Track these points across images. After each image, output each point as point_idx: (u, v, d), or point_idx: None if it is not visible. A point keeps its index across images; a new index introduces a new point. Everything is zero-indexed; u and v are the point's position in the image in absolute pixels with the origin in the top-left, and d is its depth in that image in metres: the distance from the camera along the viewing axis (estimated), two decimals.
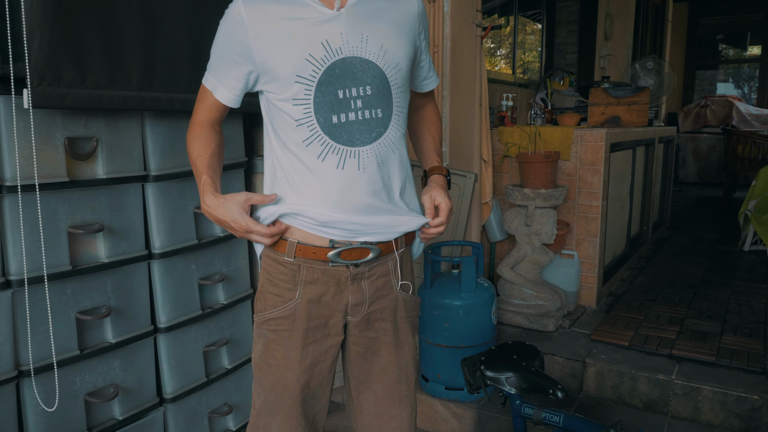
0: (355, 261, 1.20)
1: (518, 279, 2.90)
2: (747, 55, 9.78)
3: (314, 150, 1.14)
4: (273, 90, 1.16)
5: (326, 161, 1.14)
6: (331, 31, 1.12)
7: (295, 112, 1.13)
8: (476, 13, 2.89)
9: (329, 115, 1.13)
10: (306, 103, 1.12)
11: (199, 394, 1.96)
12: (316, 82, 1.11)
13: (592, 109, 3.66)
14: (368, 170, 1.16)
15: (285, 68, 1.12)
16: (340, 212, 1.16)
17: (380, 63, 1.15)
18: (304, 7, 1.13)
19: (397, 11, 1.21)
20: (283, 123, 1.16)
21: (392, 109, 1.18)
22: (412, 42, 1.23)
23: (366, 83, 1.14)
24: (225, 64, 1.18)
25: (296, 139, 1.15)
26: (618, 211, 3.55)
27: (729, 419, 2.24)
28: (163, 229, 1.80)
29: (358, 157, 1.15)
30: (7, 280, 1.46)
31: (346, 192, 1.15)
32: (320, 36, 1.12)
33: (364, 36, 1.14)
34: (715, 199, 6.96)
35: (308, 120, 1.13)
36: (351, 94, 1.13)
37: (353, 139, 1.14)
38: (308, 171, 1.15)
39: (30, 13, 1.35)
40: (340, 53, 1.12)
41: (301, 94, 1.12)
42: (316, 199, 1.16)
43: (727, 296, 3.31)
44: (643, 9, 7.04)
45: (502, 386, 1.66)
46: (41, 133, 1.48)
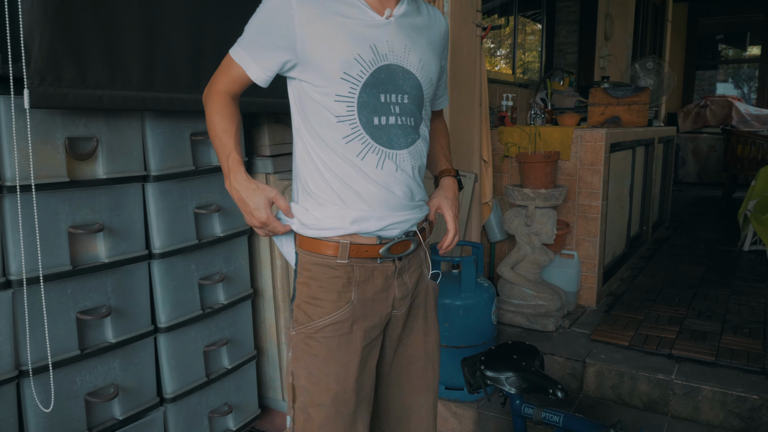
0: (400, 254, 1.23)
1: (518, 279, 2.90)
2: (747, 55, 9.78)
3: (354, 148, 1.15)
4: (312, 81, 1.15)
5: (365, 160, 1.16)
6: (380, 36, 1.15)
7: (338, 108, 1.14)
8: (476, 13, 2.89)
9: (371, 116, 1.15)
10: (350, 102, 1.14)
11: (199, 394, 1.96)
12: (362, 83, 1.14)
13: (592, 109, 3.66)
14: (404, 172, 1.19)
15: (332, 63, 1.12)
16: (381, 210, 1.19)
17: (418, 75, 1.21)
18: (354, 8, 1.15)
19: (431, 30, 1.27)
20: (321, 117, 1.16)
21: (422, 120, 1.24)
22: (439, 61, 1.29)
23: (405, 92, 1.18)
24: (262, 44, 1.16)
25: (336, 136, 1.15)
26: (618, 211, 3.55)
27: (729, 419, 2.24)
28: (163, 229, 1.80)
29: (396, 159, 1.18)
30: (7, 280, 1.46)
31: (385, 191, 1.18)
32: (369, 39, 1.14)
33: (407, 47, 1.19)
34: (715, 199, 6.97)
35: (350, 118, 1.15)
36: (391, 99, 1.17)
37: (392, 141, 1.17)
38: (350, 168, 1.16)
39: (30, 13, 1.35)
40: (385, 59, 1.16)
41: (345, 92, 1.13)
42: (358, 197, 1.17)
43: (727, 296, 3.31)
44: (643, 9, 7.04)
45: (502, 386, 1.66)
46: (41, 133, 1.48)
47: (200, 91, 1.81)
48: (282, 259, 2.18)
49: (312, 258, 1.20)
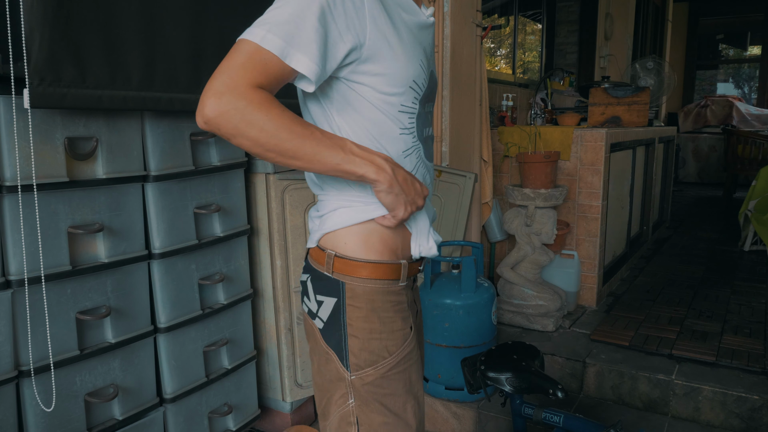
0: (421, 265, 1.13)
1: (518, 279, 2.90)
2: (747, 55, 9.78)
3: (411, 161, 1.03)
4: (376, 86, 0.95)
5: (417, 173, 1.04)
6: (428, 39, 1.04)
7: (402, 119, 0.99)
8: (476, 13, 2.89)
9: (423, 128, 1.05)
10: (412, 113, 1.00)
11: (199, 394, 1.96)
12: (423, 93, 1.02)
13: (592, 109, 3.66)
14: (429, 183, 1.11)
15: (402, 68, 0.96)
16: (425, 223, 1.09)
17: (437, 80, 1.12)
18: (411, 6, 1.01)
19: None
20: (381, 128, 0.98)
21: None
22: None
23: (434, 99, 1.09)
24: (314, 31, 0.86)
25: (396, 149, 1.00)
26: (618, 211, 3.55)
27: (729, 419, 2.24)
28: (163, 229, 1.80)
29: (429, 170, 1.10)
30: (7, 280, 1.46)
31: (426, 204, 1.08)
32: (423, 42, 1.02)
33: (433, 51, 1.09)
34: (715, 199, 6.97)
35: (412, 131, 1.01)
36: (430, 108, 1.08)
37: (429, 152, 1.09)
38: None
39: (30, 13, 1.35)
40: (430, 65, 1.05)
41: (410, 102, 0.99)
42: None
43: (727, 296, 3.31)
44: (643, 9, 7.04)
45: (502, 386, 1.66)
46: (41, 133, 1.48)
47: (200, 91, 1.81)
48: (282, 259, 2.18)
49: (371, 285, 1.01)
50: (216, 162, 1.96)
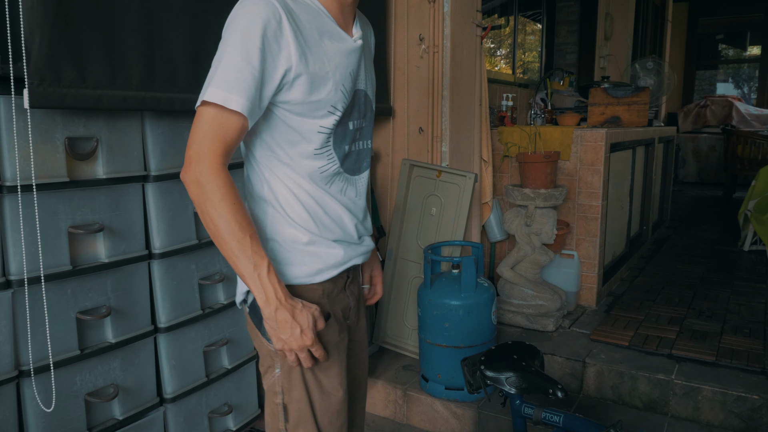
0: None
1: (518, 279, 2.90)
2: (747, 55, 9.78)
3: (326, 178, 1.12)
4: (298, 111, 1.05)
5: (332, 187, 1.14)
6: (354, 61, 1.12)
7: (318, 140, 1.08)
8: (476, 13, 2.89)
9: (343, 146, 1.13)
10: (328, 132, 1.09)
11: (199, 394, 1.96)
12: (342, 114, 1.10)
13: (592, 109, 3.66)
14: (360, 196, 1.21)
15: (322, 94, 1.05)
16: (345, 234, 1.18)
17: (372, 96, 1.22)
18: (332, 29, 1.08)
19: (372, 44, 1.29)
20: (296, 148, 1.08)
21: (371, 140, 1.26)
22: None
23: (365, 116, 1.19)
24: (263, 79, 0.99)
25: (311, 167, 1.09)
26: (618, 211, 3.55)
27: (729, 419, 2.24)
28: (163, 229, 1.80)
29: (356, 185, 1.19)
30: (7, 280, 1.46)
31: (347, 216, 1.17)
32: (349, 66, 1.10)
33: (366, 70, 1.18)
34: (715, 199, 6.97)
35: (327, 150, 1.10)
36: (356, 125, 1.16)
37: (353, 167, 1.18)
38: (320, 195, 1.12)
39: (30, 13, 1.35)
40: (356, 85, 1.14)
41: (329, 124, 1.08)
42: (332, 221, 1.14)
43: (727, 296, 3.31)
44: (643, 9, 7.04)
45: (502, 386, 1.66)
46: (41, 133, 1.48)
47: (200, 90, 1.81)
48: None
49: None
50: None
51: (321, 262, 1.14)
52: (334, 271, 1.16)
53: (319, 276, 1.14)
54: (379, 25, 2.68)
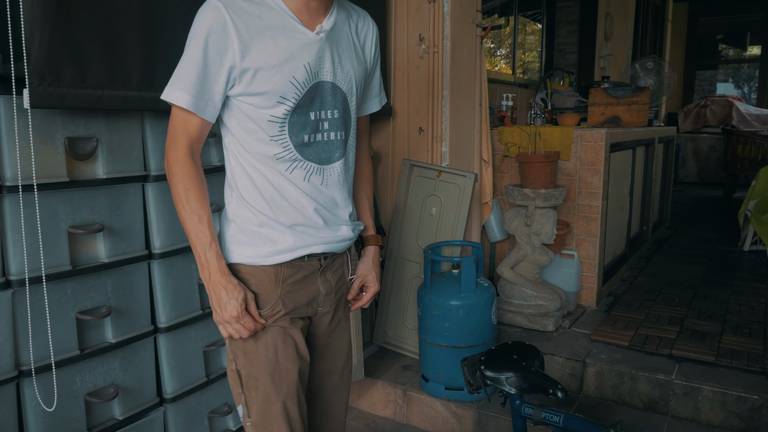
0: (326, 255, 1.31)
1: (518, 279, 2.90)
2: (747, 55, 9.78)
3: (284, 164, 1.20)
4: (250, 102, 1.16)
5: (293, 174, 1.21)
6: (312, 54, 1.18)
7: (271, 128, 1.17)
8: (476, 13, 2.89)
9: (301, 135, 1.19)
10: (282, 122, 1.17)
11: (199, 394, 1.96)
12: (296, 104, 1.17)
13: (592, 109, 3.66)
14: (330, 186, 1.25)
15: (269, 86, 1.14)
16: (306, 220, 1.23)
17: (345, 89, 1.25)
18: (287, 26, 1.16)
19: (357, 37, 1.30)
20: (254, 135, 1.18)
21: (350, 131, 1.28)
22: (365, 68, 1.32)
23: (334, 107, 1.23)
24: (209, 77, 1.13)
25: (267, 152, 1.19)
26: (618, 211, 3.55)
27: (729, 419, 2.24)
28: (163, 229, 1.80)
29: (323, 173, 1.24)
30: (7, 280, 1.46)
31: (309, 203, 1.23)
32: (303, 58, 1.16)
33: (335, 62, 1.22)
34: (715, 199, 6.97)
35: (282, 138, 1.18)
36: (321, 116, 1.21)
37: (320, 157, 1.23)
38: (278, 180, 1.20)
39: (30, 13, 1.35)
40: (317, 77, 1.19)
41: (280, 114, 1.16)
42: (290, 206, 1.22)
43: (727, 296, 3.31)
44: (643, 9, 7.04)
45: (502, 386, 1.66)
46: (41, 133, 1.48)
47: None
48: None
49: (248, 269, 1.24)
50: (216, 162, 1.96)
51: (272, 245, 1.21)
52: (287, 255, 1.22)
53: (269, 258, 1.22)
54: (379, 25, 2.68)
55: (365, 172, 1.47)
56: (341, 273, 1.36)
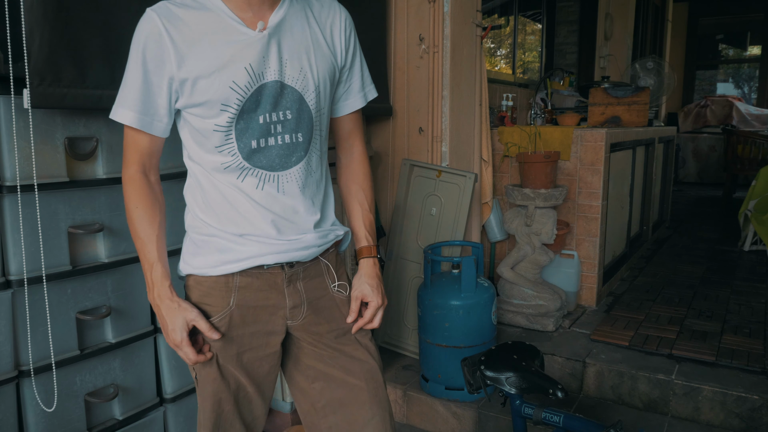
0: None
1: (518, 279, 2.90)
2: (747, 55, 9.78)
3: (233, 173, 1.14)
4: (195, 113, 1.12)
5: (245, 182, 1.14)
6: (254, 54, 1.09)
7: (216, 138, 1.12)
8: (476, 13, 2.89)
9: (249, 141, 1.12)
10: (228, 130, 1.11)
11: None
12: (240, 110, 1.10)
13: (592, 109, 3.66)
14: (287, 193, 1.16)
15: (209, 95, 1.08)
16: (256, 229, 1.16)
17: (299, 87, 1.14)
18: (226, 27, 1.09)
19: (320, 29, 1.19)
20: (203, 147, 1.14)
21: (312, 133, 1.18)
22: (332, 61, 1.20)
23: (286, 108, 1.13)
24: (151, 91, 1.10)
25: (216, 163, 1.14)
26: (618, 211, 3.55)
27: (729, 419, 2.24)
28: None
29: (278, 180, 1.15)
30: (7, 280, 1.46)
31: (261, 212, 1.15)
32: (244, 60, 1.09)
33: (284, 60, 1.12)
34: (715, 199, 6.97)
35: (230, 146, 1.12)
36: (271, 119, 1.12)
37: (272, 163, 1.14)
38: (230, 191, 1.15)
39: (30, 13, 1.35)
40: (262, 78, 1.10)
41: (224, 122, 1.10)
42: (243, 218, 1.16)
43: (727, 296, 3.31)
44: (643, 9, 7.04)
45: (502, 386, 1.66)
46: (41, 133, 1.48)
47: None
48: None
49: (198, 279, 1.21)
50: None
51: (220, 254, 1.17)
52: (235, 265, 1.16)
53: (219, 268, 1.17)
54: (379, 25, 2.68)
55: (358, 176, 1.33)
56: (318, 282, 1.25)
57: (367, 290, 1.27)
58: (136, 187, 1.15)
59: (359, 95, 1.30)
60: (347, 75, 1.26)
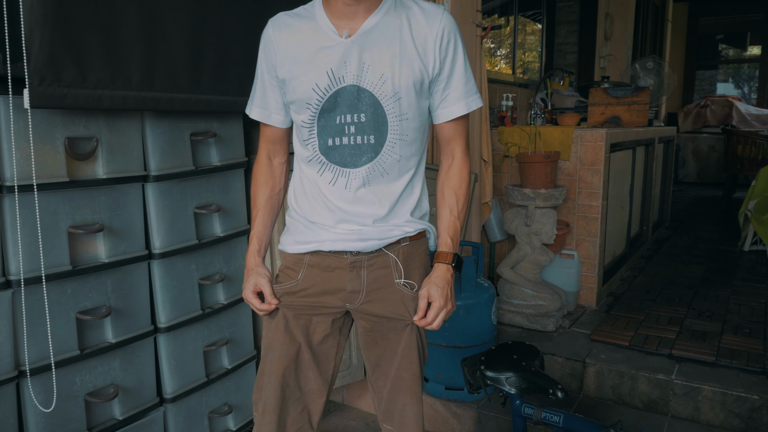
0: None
1: (518, 279, 2.90)
2: (747, 55, 9.78)
3: (314, 166, 1.28)
4: (293, 109, 1.29)
5: (323, 176, 1.27)
6: (336, 59, 1.20)
7: (303, 132, 1.27)
8: (476, 13, 2.89)
9: (326, 138, 1.24)
10: (311, 127, 1.25)
11: (199, 394, 1.96)
12: (320, 109, 1.23)
13: (592, 109, 3.66)
14: (352, 189, 1.26)
15: (297, 95, 1.24)
16: (332, 216, 1.28)
17: (376, 92, 1.20)
18: (320, 34, 1.23)
19: (413, 37, 1.21)
20: (297, 139, 1.32)
21: (386, 136, 1.24)
22: (420, 69, 1.22)
23: (361, 111, 1.22)
24: (268, 89, 1.31)
25: (303, 155, 1.30)
26: (618, 211, 3.55)
27: (729, 419, 2.25)
28: (163, 229, 1.80)
29: (348, 177, 1.25)
30: (7, 280, 1.46)
31: (337, 202, 1.27)
32: (327, 64, 1.21)
33: (365, 65, 1.20)
34: (715, 199, 6.97)
35: (312, 141, 1.26)
36: (346, 120, 1.22)
37: (345, 161, 1.25)
38: (312, 181, 1.30)
39: (30, 13, 1.35)
40: (342, 81, 1.21)
41: (308, 118, 1.25)
42: (314, 205, 1.30)
43: (727, 296, 3.31)
44: (643, 9, 7.04)
45: (502, 386, 1.66)
46: (41, 133, 1.48)
47: (200, 91, 1.82)
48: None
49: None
50: (216, 162, 1.96)
51: (295, 235, 1.34)
52: (303, 246, 1.32)
53: (291, 247, 1.34)
54: None
55: (453, 181, 1.34)
56: (382, 274, 1.31)
57: (433, 291, 1.29)
58: (259, 167, 1.39)
59: (460, 103, 1.29)
60: (445, 83, 1.27)
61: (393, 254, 1.31)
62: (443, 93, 1.28)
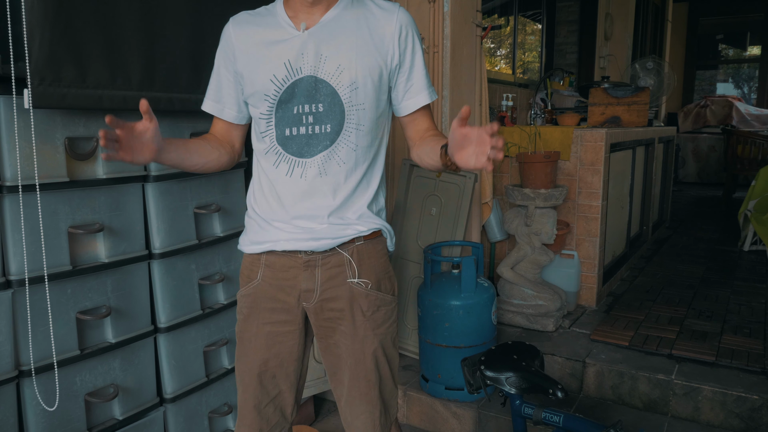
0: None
1: (518, 279, 2.90)
2: (747, 55, 9.78)
3: (271, 158, 1.29)
4: (250, 102, 1.31)
5: (279, 168, 1.28)
6: (294, 51, 1.24)
7: (261, 125, 1.29)
8: (476, 13, 2.89)
9: (284, 128, 1.26)
10: (269, 118, 1.27)
11: (199, 394, 1.96)
12: (278, 100, 1.25)
13: (592, 109, 3.66)
14: (308, 179, 1.27)
15: (255, 87, 1.26)
16: (285, 212, 1.29)
17: (333, 82, 1.24)
18: (277, 29, 1.27)
19: (370, 30, 1.26)
20: (255, 134, 1.34)
21: (343, 125, 1.26)
22: (377, 61, 1.25)
23: (319, 101, 1.24)
24: (224, 83, 1.33)
25: (260, 148, 1.32)
26: (618, 211, 3.55)
27: (729, 419, 2.25)
28: (163, 229, 1.80)
29: (304, 167, 1.27)
30: (7, 280, 1.46)
31: (291, 196, 1.28)
32: (284, 56, 1.24)
33: (323, 57, 1.23)
34: (715, 199, 6.97)
35: (269, 132, 1.28)
36: (304, 110, 1.25)
37: (301, 150, 1.26)
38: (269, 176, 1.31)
39: (30, 13, 1.35)
40: (299, 72, 1.24)
41: (266, 110, 1.27)
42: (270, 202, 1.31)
43: (727, 296, 3.32)
44: (643, 9, 7.04)
45: (502, 386, 1.66)
46: (41, 133, 1.48)
47: (201, 91, 1.81)
48: None
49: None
50: None
51: (251, 235, 1.36)
52: (258, 246, 1.33)
53: (248, 247, 1.37)
54: None
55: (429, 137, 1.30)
56: (336, 273, 1.30)
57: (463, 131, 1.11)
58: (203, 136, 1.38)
59: (423, 93, 1.32)
60: (407, 75, 1.30)
61: (347, 253, 1.32)
62: (406, 84, 1.31)
